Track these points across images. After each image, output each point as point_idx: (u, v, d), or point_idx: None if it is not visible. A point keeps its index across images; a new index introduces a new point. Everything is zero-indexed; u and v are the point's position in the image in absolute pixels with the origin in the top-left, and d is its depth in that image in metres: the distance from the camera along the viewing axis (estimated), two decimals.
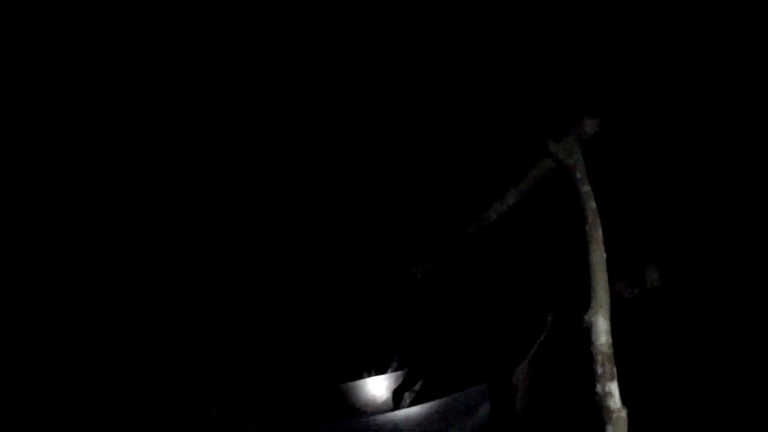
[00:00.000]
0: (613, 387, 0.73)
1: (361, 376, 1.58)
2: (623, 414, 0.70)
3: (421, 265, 1.44)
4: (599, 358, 0.73)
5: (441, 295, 1.72)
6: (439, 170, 1.83)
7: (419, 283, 1.61)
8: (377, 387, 1.56)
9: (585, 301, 0.81)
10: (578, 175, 0.96)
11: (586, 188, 0.93)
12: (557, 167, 1.06)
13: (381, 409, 1.28)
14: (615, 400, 0.71)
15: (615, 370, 0.74)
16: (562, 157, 0.99)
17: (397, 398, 1.41)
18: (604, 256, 0.83)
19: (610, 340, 0.76)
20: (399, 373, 1.56)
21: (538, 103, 1.52)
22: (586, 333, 0.77)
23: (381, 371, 1.64)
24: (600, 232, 0.85)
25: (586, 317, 0.78)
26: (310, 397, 1.50)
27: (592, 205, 0.90)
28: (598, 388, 0.73)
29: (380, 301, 1.63)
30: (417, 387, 1.36)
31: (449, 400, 1.13)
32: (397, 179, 1.83)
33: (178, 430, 1.14)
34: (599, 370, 0.73)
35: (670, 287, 1.16)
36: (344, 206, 1.81)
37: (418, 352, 1.68)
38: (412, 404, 1.20)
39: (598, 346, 0.74)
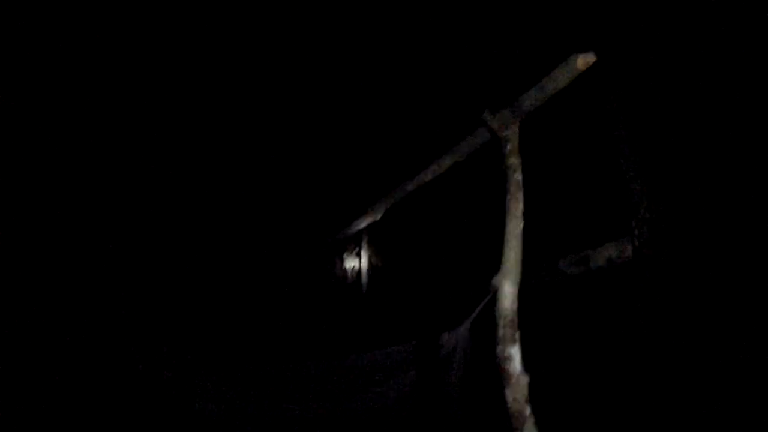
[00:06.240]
0: (514, 351, 0.75)
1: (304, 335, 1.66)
2: (523, 381, 0.72)
3: (361, 218, 1.46)
4: (501, 321, 0.76)
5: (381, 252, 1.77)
6: (382, 136, 1.86)
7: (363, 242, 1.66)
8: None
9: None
10: (509, 147, 0.97)
11: (513, 161, 0.95)
12: (491, 138, 1.07)
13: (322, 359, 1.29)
14: (515, 365, 0.74)
15: (518, 334, 0.77)
16: (495, 127, 1.00)
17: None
18: (521, 226, 0.86)
19: (515, 306, 0.79)
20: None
21: (481, 75, 1.53)
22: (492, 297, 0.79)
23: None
24: (520, 204, 0.87)
25: (493, 280, 0.80)
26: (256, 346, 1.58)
27: (518, 177, 0.92)
28: (499, 350, 0.76)
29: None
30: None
31: (380, 355, 1.15)
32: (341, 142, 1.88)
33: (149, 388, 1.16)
34: (501, 333, 0.76)
35: (617, 270, 1.19)
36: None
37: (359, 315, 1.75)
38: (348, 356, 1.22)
39: (501, 309, 0.77)
